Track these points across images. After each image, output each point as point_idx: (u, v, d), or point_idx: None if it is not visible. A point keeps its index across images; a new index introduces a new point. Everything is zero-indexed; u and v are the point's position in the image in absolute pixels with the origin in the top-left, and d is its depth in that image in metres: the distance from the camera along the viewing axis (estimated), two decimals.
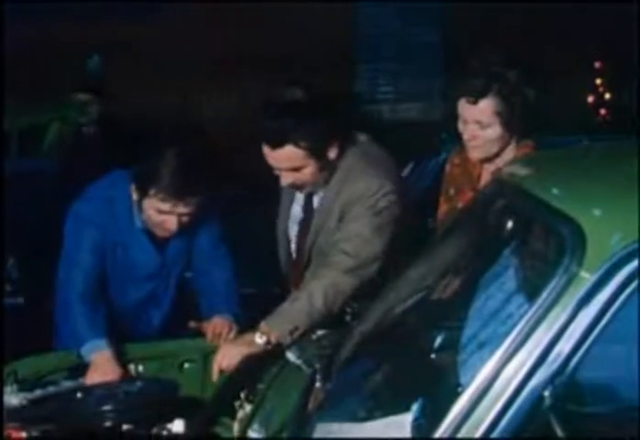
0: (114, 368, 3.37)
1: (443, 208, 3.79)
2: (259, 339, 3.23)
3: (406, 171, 6.17)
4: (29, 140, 3.99)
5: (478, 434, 1.87)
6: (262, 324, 3.30)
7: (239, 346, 3.27)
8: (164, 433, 2.84)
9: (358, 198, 3.45)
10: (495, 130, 3.45)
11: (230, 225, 3.88)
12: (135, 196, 3.56)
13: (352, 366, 2.67)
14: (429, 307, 2.69)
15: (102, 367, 3.35)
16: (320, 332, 3.36)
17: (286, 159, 3.42)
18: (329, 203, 3.55)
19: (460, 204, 3.64)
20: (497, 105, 3.41)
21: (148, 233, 3.67)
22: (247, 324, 3.49)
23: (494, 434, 1.87)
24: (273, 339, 3.23)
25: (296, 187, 3.57)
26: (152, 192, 3.47)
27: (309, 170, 3.46)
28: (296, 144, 3.37)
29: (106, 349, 3.42)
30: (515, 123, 3.43)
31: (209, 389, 3.26)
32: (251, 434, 2.39)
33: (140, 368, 3.57)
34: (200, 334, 3.67)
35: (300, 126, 3.36)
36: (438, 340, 2.60)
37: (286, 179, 3.48)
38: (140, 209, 3.58)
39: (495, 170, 3.06)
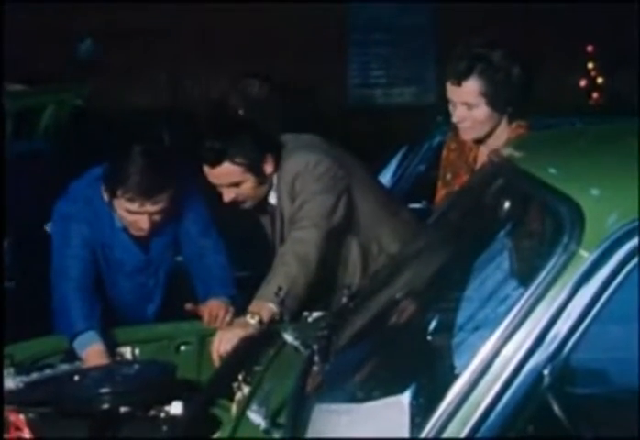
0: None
1: (441, 193, 3.83)
2: (252, 320, 3.26)
3: (399, 156, 6.16)
4: (25, 123, 3.98)
5: (476, 414, 1.87)
6: (251, 305, 3.33)
7: (234, 329, 3.29)
8: (162, 415, 2.84)
9: (295, 176, 3.71)
10: (482, 110, 3.48)
11: (225, 209, 3.89)
12: (105, 197, 3.57)
13: (350, 347, 2.68)
14: (426, 288, 2.68)
15: (93, 362, 3.37)
16: (317, 314, 3.39)
17: (225, 175, 3.68)
18: (279, 194, 3.78)
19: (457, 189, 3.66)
20: (481, 86, 3.44)
21: (130, 231, 3.68)
22: (245, 307, 3.50)
23: (493, 415, 1.87)
24: (265, 317, 3.28)
25: (239, 202, 3.79)
26: (119, 192, 3.49)
27: (248, 185, 3.72)
28: (232, 161, 3.65)
29: (98, 343, 3.44)
30: (501, 102, 3.46)
31: (205, 371, 3.26)
32: (250, 414, 2.38)
33: (137, 350, 3.59)
34: (196, 316, 3.69)
35: (234, 143, 3.65)
36: (436, 321, 2.60)
37: (228, 194, 3.74)
38: (113, 209, 3.60)
39: (491, 151, 3.07)
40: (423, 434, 1.90)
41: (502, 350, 1.90)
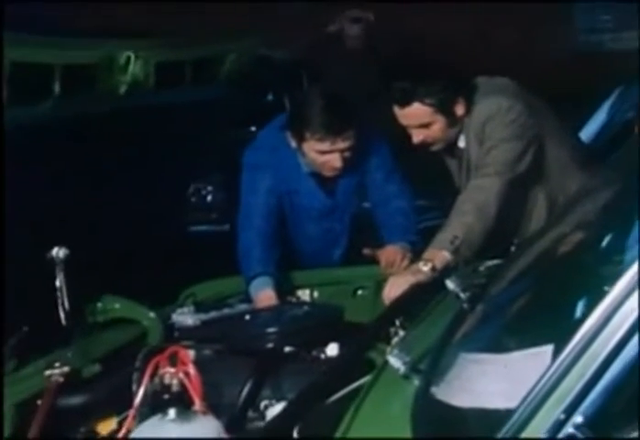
0: None
1: None
2: (425, 267, 3.26)
3: (611, 100, 5.97)
4: (205, 70, 4.09)
5: (593, 367, 1.81)
6: (426, 253, 3.33)
7: (406, 275, 3.31)
8: (322, 356, 2.91)
9: (486, 120, 3.62)
10: None
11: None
12: (293, 143, 3.64)
13: (503, 295, 2.65)
14: (583, 242, 2.62)
15: (263, 305, 3.50)
16: (490, 263, 3.36)
17: (414, 116, 3.62)
18: (468, 138, 3.71)
19: None
20: None
21: (316, 176, 3.75)
22: None
23: (612, 369, 1.81)
24: (438, 265, 3.26)
25: (427, 144, 3.72)
26: (308, 135, 3.56)
27: (438, 127, 3.65)
28: (422, 101, 3.58)
29: (270, 288, 3.54)
30: None
31: None
32: (391, 359, 2.40)
33: (316, 293, 3.69)
34: (376, 261, 3.74)
35: (424, 83, 3.58)
36: (587, 271, 2.54)
37: (417, 136, 3.67)
38: (302, 154, 3.66)
39: None
40: (534, 391, 1.85)
41: (623, 304, 1.83)
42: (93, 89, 3.56)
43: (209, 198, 5.70)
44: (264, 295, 3.53)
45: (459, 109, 3.67)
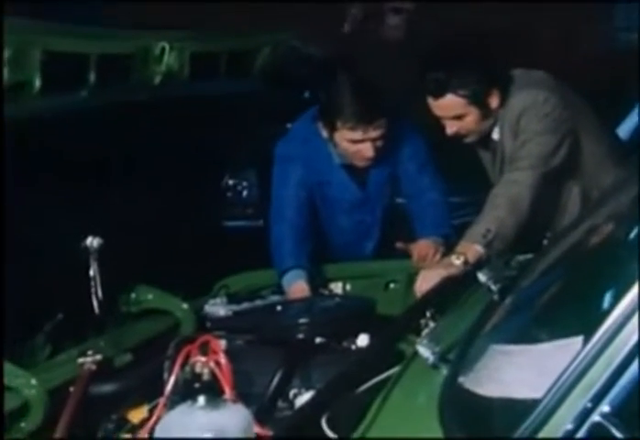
0: None
1: None
2: (457, 260, 3.26)
3: None
4: (239, 62, 4.10)
5: (620, 356, 1.81)
6: (458, 246, 3.33)
7: (438, 269, 3.31)
8: (352, 347, 2.92)
9: (521, 113, 3.60)
10: None
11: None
12: (325, 133, 3.65)
13: (533, 287, 2.64)
14: (614, 234, 2.60)
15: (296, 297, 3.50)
16: (522, 257, 3.36)
17: (448, 107, 3.61)
18: (502, 130, 3.68)
19: None
20: None
21: (348, 168, 3.76)
22: None
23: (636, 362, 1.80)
24: (470, 258, 3.26)
25: (461, 136, 3.70)
26: (339, 124, 3.57)
27: (471, 118, 3.63)
28: (455, 93, 3.57)
29: (303, 281, 3.56)
30: None
31: None
32: (420, 348, 2.40)
33: (348, 286, 3.69)
34: (408, 255, 3.74)
35: (458, 75, 3.56)
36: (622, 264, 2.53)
37: (451, 128, 3.65)
38: (334, 144, 3.67)
39: None
40: (562, 380, 1.85)
41: None
42: (128, 79, 3.59)
43: (245, 193, 5.72)
44: (297, 288, 3.54)
45: (493, 101, 3.66)
